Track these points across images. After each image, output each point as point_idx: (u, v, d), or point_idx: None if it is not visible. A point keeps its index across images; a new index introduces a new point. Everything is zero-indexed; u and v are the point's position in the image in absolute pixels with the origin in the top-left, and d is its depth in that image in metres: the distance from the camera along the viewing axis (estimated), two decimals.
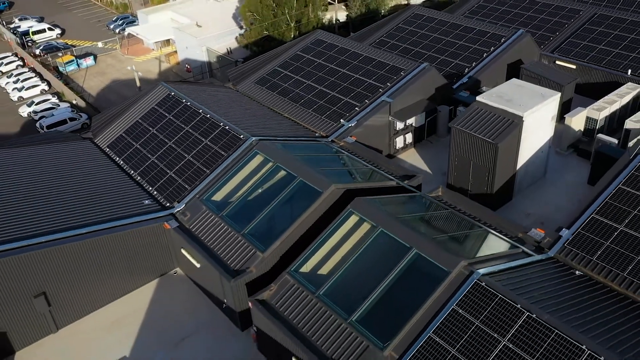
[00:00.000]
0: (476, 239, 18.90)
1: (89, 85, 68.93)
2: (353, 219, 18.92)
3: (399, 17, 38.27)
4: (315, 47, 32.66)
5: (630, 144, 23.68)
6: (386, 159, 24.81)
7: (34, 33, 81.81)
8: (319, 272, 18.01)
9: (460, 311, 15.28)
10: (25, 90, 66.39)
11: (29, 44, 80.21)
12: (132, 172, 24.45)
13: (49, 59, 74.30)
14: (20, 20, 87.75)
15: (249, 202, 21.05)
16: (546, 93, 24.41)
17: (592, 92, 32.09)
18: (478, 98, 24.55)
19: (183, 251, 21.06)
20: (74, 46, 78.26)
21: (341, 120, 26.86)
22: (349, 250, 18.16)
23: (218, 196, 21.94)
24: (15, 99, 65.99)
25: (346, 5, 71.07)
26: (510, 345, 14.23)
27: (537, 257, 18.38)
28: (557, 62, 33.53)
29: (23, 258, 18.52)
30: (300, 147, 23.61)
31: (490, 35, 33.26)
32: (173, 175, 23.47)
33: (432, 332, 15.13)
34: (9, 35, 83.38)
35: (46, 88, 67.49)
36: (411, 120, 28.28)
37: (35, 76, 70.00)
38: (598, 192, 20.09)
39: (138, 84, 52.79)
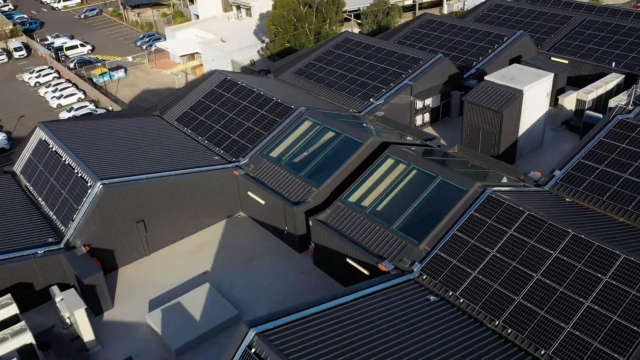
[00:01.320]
0: (487, 175, 23.90)
1: (121, 94, 74.76)
2: (389, 162, 23.93)
3: (413, 23, 43.85)
4: (344, 45, 38.10)
5: (611, 103, 28.83)
6: (410, 126, 29.94)
7: (68, 49, 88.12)
8: (364, 199, 22.94)
9: (477, 215, 20.20)
10: (64, 98, 72.02)
11: (63, 58, 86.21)
12: (200, 137, 29.57)
13: (83, 71, 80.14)
14: (53, 37, 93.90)
15: (304, 154, 26.08)
16: (542, 74, 29.68)
17: (582, 84, 37.25)
18: (486, 77, 29.84)
19: (249, 193, 26.05)
20: (105, 60, 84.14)
21: (370, 99, 32.09)
22: (386, 183, 23.14)
23: (276, 152, 26.98)
24: (54, 106, 71.74)
25: (359, 24, 77.16)
26: (516, 234, 19.12)
27: (536, 189, 23.36)
28: (552, 58, 38.85)
29: (131, 189, 23.54)
30: (340, 116, 28.73)
31: (494, 35, 38.70)
32: (236, 138, 28.59)
33: (456, 230, 20.04)
34: (43, 51, 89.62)
35: (82, 96, 73.22)
36: (428, 102, 33.50)
37: (72, 86, 75.87)
38: (584, 143, 25.13)
39: (177, 87, 58.31)
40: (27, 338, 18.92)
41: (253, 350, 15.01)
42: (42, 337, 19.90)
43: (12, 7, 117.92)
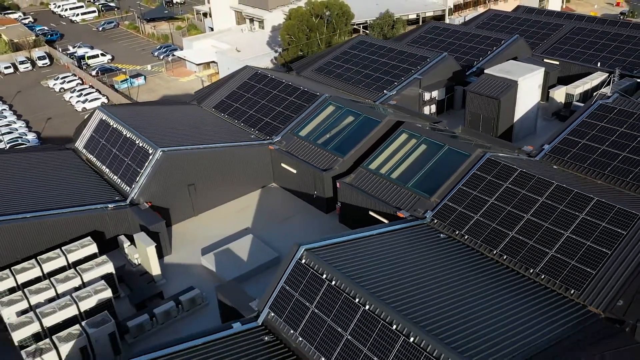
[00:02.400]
0: (487, 147, 28.15)
1: (141, 99, 79.27)
2: (403, 136, 28.21)
3: (420, 29, 48.51)
4: (359, 46, 42.65)
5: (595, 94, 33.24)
6: (419, 112, 34.29)
7: (89, 58, 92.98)
8: (383, 166, 27.16)
9: (478, 173, 24.43)
10: (89, 102, 76.61)
11: (85, 66, 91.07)
12: (236, 121, 33.90)
13: (105, 78, 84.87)
14: (76, 47, 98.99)
15: (329, 132, 30.38)
16: (534, 68, 34.15)
17: (571, 82, 41.67)
18: (485, 71, 34.28)
19: (283, 165, 30.30)
20: (124, 69, 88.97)
21: (384, 91, 36.50)
22: (401, 152, 27.38)
23: (304, 131, 31.26)
24: (79, 109, 76.27)
25: (366, 35, 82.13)
26: (510, 186, 23.31)
27: (528, 158, 27.63)
28: (545, 59, 43.37)
29: (185, 155, 27.82)
30: (358, 103, 33.08)
31: (493, 39, 43.28)
32: (268, 120, 32.92)
33: (462, 185, 24.25)
34: (65, 59, 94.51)
35: (105, 101, 77.78)
36: (435, 94, 37.92)
37: (95, 91, 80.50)
38: (570, 122, 29.44)
39: (202, 86, 62.90)
40: (109, 268, 23.09)
41: (303, 261, 19.15)
42: (117, 272, 23.96)
43: (32, 20, 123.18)
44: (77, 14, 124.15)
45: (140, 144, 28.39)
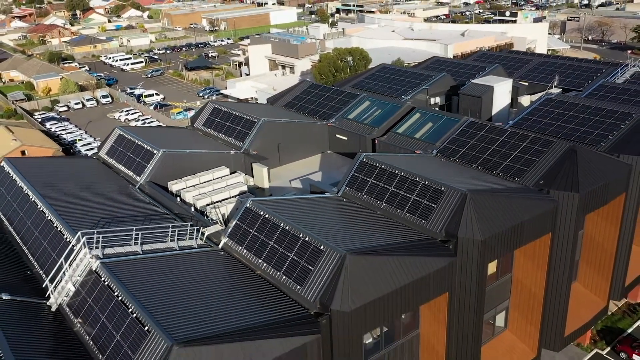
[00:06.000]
0: None
1: None
2: (417, 115, 43.70)
3: (425, 62, 65.03)
4: (382, 71, 58.94)
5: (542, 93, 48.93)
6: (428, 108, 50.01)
7: (146, 96, 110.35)
8: (405, 130, 42.43)
9: (466, 129, 39.67)
10: None
11: (142, 103, 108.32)
12: (301, 113, 49.58)
13: (162, 112, 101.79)
14: (131, 89, 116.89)
15: (367, 115, 45.91)
16: (505, 79, 50.07)
17: None
18: (472, 80, 50.18)
19: (337, 135, 45.65)
20: (176, 105, 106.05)
21: (402, 96, 52.33)
22: (416, 123, 42.74)
23: (351, 115, 46.79)
24: None
25: None
26: (481, 133, 38.55)
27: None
28: (518, 81, 59.44)
29: (275, 124, 43.28)
30: (386, 97, 48.88)
31: (478, 67, 59.58)
32: (325, 111, 48.58)
33: (455, 135, 39.41)
34: (125, 98, 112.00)
35: None
36: (437, 100, 53.72)
37: (156, 121, 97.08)
38: (525, 111, 44.87)
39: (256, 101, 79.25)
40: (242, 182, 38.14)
41: (251, 207, 34.27)
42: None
43: (88, 69, 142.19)
44: (127, 64, 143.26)
45: (247, 117, 43.94)
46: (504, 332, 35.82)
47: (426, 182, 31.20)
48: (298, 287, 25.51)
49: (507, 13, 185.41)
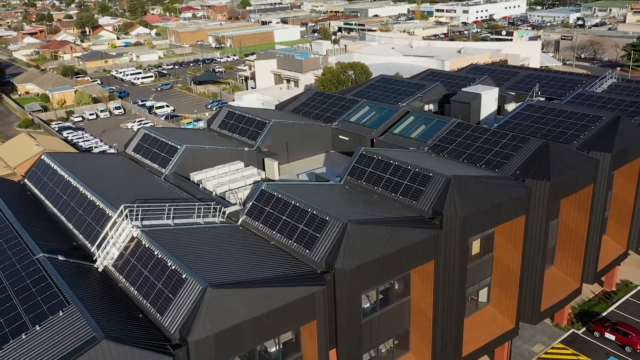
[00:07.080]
0: None
1: None
2: (411, 117, 48.82)
3: (421, 74, 70.42)
4: (381, 81, 64.26)
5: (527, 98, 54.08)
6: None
7: (157, 108, 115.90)
8: (401, 131, 47.49)
9: (454, 129, 44.72)
10: None
11: (153, 114, 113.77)
12: (306, 118, 54.74)
13: (172, 122, 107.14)
14: (142, 101, 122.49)
15: (367, 118, 51.03)
16: (492, 87, 55.30)
17: None
18: (462, 89, 55.43)
19: (340, 136, 50.72)
20: (186, 116, 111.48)
21: (399, 103, 57.52)
22: (410, 124, 47.81)
23: (352, 119, 51.93)
24: None
25: None
26: (468, 132, 43.61)
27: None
28: (506, 91, 64.74)
29: (283, 125, 48.37)
30: (383, 103, 54.07)
31: (469, 78, 64.91)
32: (328, 115, 53.75)
33: (445, 134, 44.46)
34: (137, 109, 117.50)
35: None
36: (431, 107, 58.92)
37: None
38: (509, 115, 49.96)
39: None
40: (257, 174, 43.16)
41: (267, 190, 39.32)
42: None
43: (100, 82, 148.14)
44: (138, 78, 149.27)
45: (259, 119, 49.09)
46: (486, 307, 40.43)
47: (417, 170, 36.17)
48: (307, 251, 30.38)
49: (504, 32, 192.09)
